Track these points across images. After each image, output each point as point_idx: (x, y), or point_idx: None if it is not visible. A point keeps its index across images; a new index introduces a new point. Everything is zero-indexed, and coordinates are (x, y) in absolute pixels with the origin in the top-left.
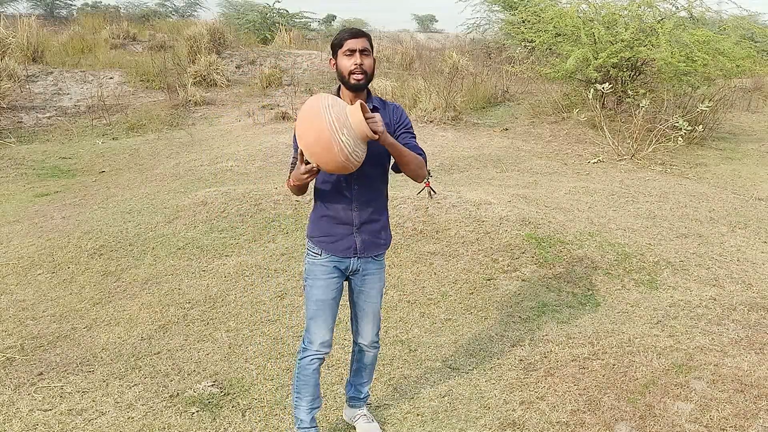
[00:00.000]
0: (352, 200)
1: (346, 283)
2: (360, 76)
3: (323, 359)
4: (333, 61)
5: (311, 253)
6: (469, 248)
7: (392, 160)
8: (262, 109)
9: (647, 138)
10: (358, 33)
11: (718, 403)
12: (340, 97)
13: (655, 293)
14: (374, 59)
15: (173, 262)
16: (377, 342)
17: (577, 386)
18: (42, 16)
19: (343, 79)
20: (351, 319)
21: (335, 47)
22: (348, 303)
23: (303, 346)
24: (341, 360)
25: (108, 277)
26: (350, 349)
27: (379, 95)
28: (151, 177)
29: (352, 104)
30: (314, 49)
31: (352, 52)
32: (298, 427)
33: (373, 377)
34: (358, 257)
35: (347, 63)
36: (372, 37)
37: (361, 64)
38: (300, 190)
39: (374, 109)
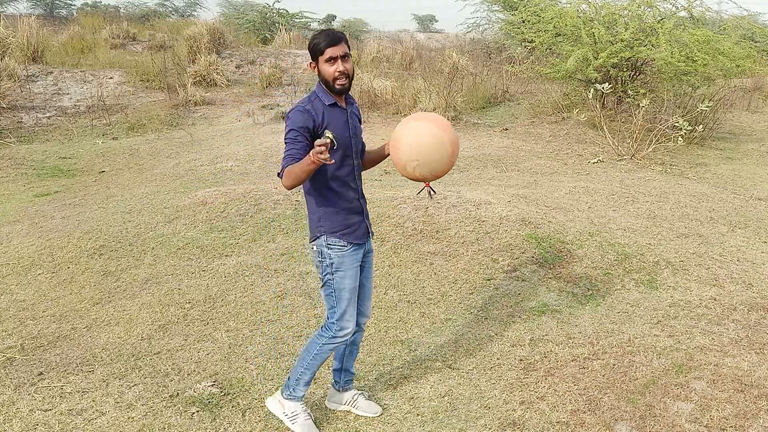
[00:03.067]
0: (358, 191)
1: None
2: (345, 81)
3: None
4: (314, 65)
5: (337, 246)
6: (469, 248)
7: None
8: (262, 109)
9: (647, 138)
10: (336, 39)
11: (718, 403)
12: (323, 96)
13: (655, 293)
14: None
15: (173, 262)
16: None
17: (577, 386)
18: (42, 16)
19: (327, 84)
20: None
21: (315, 53)
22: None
23: (332, 333)
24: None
25: (108, 277)
26: None
27: (380, 95)
28: (151, 177)
29: (339, 103)
30: None
31: (334, 59)
32: (296, 398)
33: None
34: (369, 239)
35: (330, 69)
36: (348, 37)
37: (344, 71)
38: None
39: (351, 104)
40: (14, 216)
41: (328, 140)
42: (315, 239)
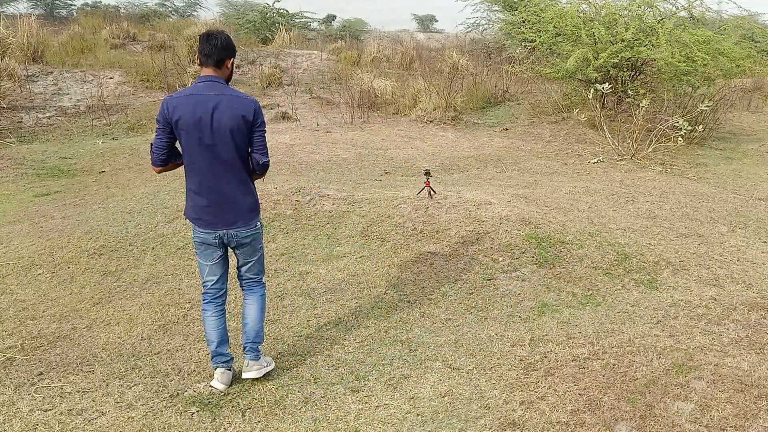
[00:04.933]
0: None
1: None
2: None
3: None
4: (231, 63)
5: (260, 216)
6: (469, 248)
7: None
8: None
9: (647, 138)
10: None
11: (718, 403)
12: None
13: (655, 293)
14: None
15: (173, 262)
16: None
17: (577, 386)
18: (42, 16)
19: (227, 82)
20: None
21: (234, 53)
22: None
23: (265, 289)
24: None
25: (108, 277)
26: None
27: (380, 95)
28: (151, 177)
29: None
30: (314, 49)
31: None
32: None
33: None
34: None
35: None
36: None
37: None
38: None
39: None
40: (14, 216)
41: None
42: (254, 218)
